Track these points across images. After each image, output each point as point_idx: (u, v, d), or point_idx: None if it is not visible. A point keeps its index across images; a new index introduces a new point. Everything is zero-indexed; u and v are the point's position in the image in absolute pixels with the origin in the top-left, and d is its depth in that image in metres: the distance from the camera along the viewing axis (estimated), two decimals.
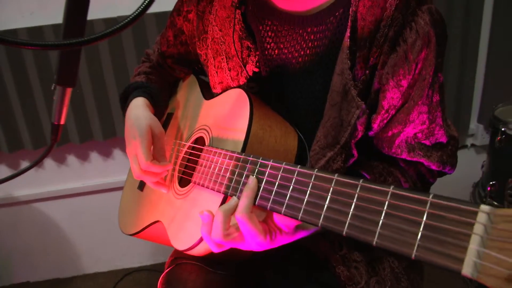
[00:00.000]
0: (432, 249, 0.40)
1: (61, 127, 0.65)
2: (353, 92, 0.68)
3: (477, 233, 0.38)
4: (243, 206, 0.59)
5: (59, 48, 0.49)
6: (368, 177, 0.75)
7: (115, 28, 0.47)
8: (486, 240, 0.37)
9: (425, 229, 0.41)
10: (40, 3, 1.64)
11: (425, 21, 0.66)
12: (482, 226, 0.37)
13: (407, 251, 0.42)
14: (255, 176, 0.61)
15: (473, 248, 0.37)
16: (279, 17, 0.75)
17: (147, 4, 0.47)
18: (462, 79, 1.91)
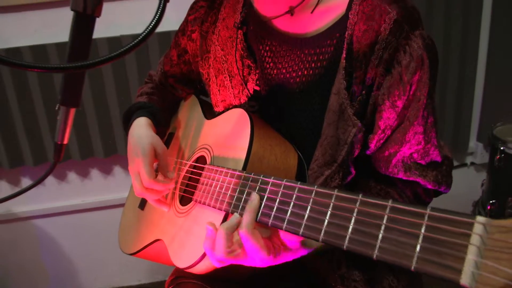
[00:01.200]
0: (431, 260, 0.41)
1: (64, 146, 0.66)
2: (349, 111, 0.70)
3: (474, 243, 0.39)
4: (246, 222, 0.59)
5: (64, 71, 0.50)
6: None
7: (119, 52, 0.48)
8: (483, 250, 0.38)
9: (423, 241, 0.42)
10: (44, 22, 1.67)
11: (418, 44, 0.68)
12: (478, 236, 0.39)
13: (407, 263, 0.43)
14: (256, 193, 0.62)
15: (470, 258, 0.39)
16: (278, 38, 0.78)
17: (151, 29, 0.49)
18: (461, 98, 1.92)
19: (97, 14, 0.58)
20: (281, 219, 0.57)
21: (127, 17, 1.64)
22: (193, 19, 0.90)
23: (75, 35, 0.58)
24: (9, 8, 1.63)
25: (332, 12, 0.73)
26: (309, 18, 0.74)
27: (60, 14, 1.65)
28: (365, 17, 0.69)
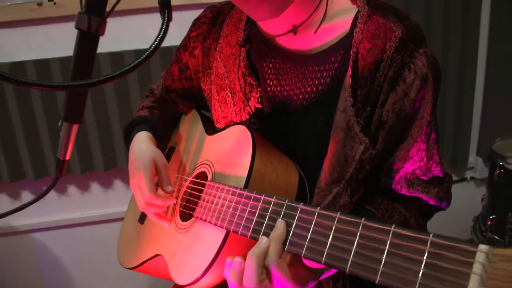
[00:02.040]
0: (433, 287, 0.41)
1: (66, 162, 0.66)
2: (356, 128, 0.70)
3: (476, 272, 0.39)
4: (272, 251, 0.56)
5: (67, 89, 0.51)
6: (377, 213, 0.76)
7: (121, 72, 0.49)
8: (485, 279, 0.38)
9: (426, 268, 0.42)
10: (48, 36, 1.69)
11: (423, 62, 0.69)
12: (480, 265, 0.39)
13: None
14: (281, 218, 0.59)
15: (472, 286, 0.39)
16: (281, 55, 0.78)
17: (153, 49, 0.50)
18: (460, 113, 1.94)
19: (100, 32, 0.59)
20: (284, 240, 0.57)
21: (129, 33, 1.66)
22: (196, 35, 0.91)
23: (79, 53, 0.59)
24: (14, 23, 1.66)
25: (336, 30, 0.74)
26: (313, 36, 0.75)
27: (64, 29, 1.67)
28: (370, 35, 0.70)
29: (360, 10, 0.72)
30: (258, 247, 0.57)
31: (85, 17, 0.57)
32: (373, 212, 0.75)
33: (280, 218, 0.59)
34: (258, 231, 0.61)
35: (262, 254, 0.56)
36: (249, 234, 0.63)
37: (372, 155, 0.72)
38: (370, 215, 0.75)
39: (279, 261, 0.56)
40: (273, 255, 0.56)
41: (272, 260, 0.56)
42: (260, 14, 0.69)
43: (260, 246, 0.57)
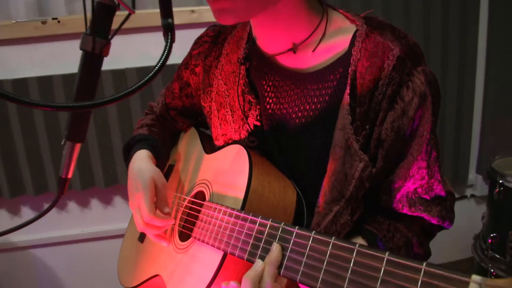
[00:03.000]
0: None
1: (68, 180, 0.67)
2: (355, 146, 0.70)
3: None
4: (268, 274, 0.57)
5: (71, 110, 0.52)
6: (379, 234, 0.75)
7: (125, 93, 0.50)
8: None
9: None
10: (51, 54, 1.71)
11: (421, 81, 0.69)
12: None
13: None
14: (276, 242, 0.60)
15: None
16: (281, 73, 0.79)
17: (157, 70, 0.51)
18: (460, 130, 1.95)
19: (105, 53, 0.60)
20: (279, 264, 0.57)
21: (131, 51, 1.68)
22: (197, 54, 0.92)
23: (83, 73, 0.60)
24: (18, 40, 1.68)
25: (335, 49, 0.75)
26: (312, 55, 0.76)
27: (67, 46, 1.69)
28: (368, 54, 0.70)
29: (358, 29, 0.73)
30: (253, 271, 0.58)
31: (90, 39, 0.58)
32: (374, 233, 0.75)
33: (275, 241, 0.59)
34: (254, 254, 0.62)
35: (257, 277, 0.57)
36: (245, 257, 0.63)
37: (372, 173, 0.72)
38: (372, 236, 0.75)
39: (274, 285, 0.57)
40: (268, 279, 0.56)
41: (267, 284, 0.56)
42: (223, 18, 0.69)
43: (255, 270, 0.58)
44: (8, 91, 1.40)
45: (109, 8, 0.58)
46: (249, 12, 0.69)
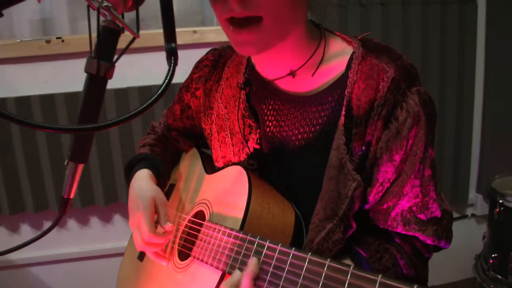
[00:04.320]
0: None
1: (70, 200, 0.67)
2: (349, 166, 0.72)
3: None
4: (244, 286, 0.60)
5: (74, 132, 0.52)
6: (365, 255, 0.76)
7: (127, 116, 0.51)
8: None
9: None
10: (54, 72, 1.73)
11: (415, 101, 0.71)
12: None
13: None
14: (255, 257, 0.62)
15: None
16: (280, 97, 0.80)
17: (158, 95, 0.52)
18: (459, 149, 1.95)
19: (109, 76, 0.61)
20: (275, 284, 0.58)
21: (134, 70, 1.70)
22: (198, 77, 0.93)
23: (87, 95, 0.61)
24: (23, 59, 1.71)
25: (333, 71, 0.76)
26: (311, 78, 0.77)
27: (71, 65, 1.72)
28: (364, 76, 0.72)
29: (355, 51, 0.75)
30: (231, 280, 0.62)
31: (95, 62, 0.59)
32: (360, 253, 0.76)
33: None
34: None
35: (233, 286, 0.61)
36: None
37: (365, 191, 0.73)
38: (358, 256, 0.76)
39: None
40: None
41: None
42: (244, 50, 0.71)
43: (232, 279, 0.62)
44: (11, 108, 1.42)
45: (114, 32, 0.60)
46: (270, 44, 0.70)
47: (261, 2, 0.64)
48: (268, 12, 0.65)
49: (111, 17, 0.58)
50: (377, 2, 1.78)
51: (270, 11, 0.65)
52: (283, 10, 0.66)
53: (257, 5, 0.64)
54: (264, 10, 0.64)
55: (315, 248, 0.74)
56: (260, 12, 0.64)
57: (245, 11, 0.64)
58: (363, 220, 0.79)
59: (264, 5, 0.64)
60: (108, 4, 0.56)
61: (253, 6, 0.64)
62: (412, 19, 1.82)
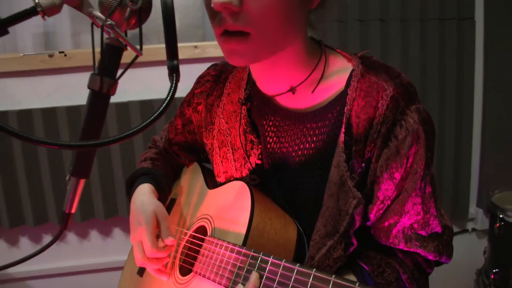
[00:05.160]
0: None
1: (72, 215, 0.67)
2: (350, 183, 0.72)
3: None
4: None
5: (75, 148, 0.53)
6: (367, 268, 0.76)
7: (128, 133, 0.52)
8: None
9: None
10: (57, 86, 1.75)
11: (414, 119, 0.71)
12: None
13: None
14: (256, 271, 0.62)
15: None
16: (281, 113, 0.81)
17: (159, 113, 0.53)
18: (459, 164, 1.96)
19: (112, 92, 0.62)
20: None
21: (135, 84, 1.72)
22: (199, 92, 0.94)
23: (90, 111, 0.62)
24: (25, 72, 1.72)
25: (332, 88, 0.77)
26: (311, 95, 0.78)
27: (73, 79, 1.73)
28: (363, 94, 0.73)
29: (354, 69, 0.76)
30: None
31: (98, 78, 0.60)
32: (363, 268, 0.76)
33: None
34: None
35: None
36: None
37: (366, 209, 0.73)
38: (360, 270, 0.75)
39: None
40: None
41: None
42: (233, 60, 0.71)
43: None
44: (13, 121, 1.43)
45: (117, 49, 0.61)
46: (259, 56, 0.71)
47: (251, 18, 0.65)
48: (257, 27, 0.65)
49: (115, 35, 0.60)
50: (376, 18, 1.80)
51: (259, 27, 0.66)
52: (273, 27, 0.67)
53: (246, 21, 0.65)
54: (254, 26, 0.65)
55: (316, 265, 0.74)
56: (249, 27, 0.65)
57: (236, 25, 0.65)
58: (365, 235, 0.79)
59: (254, 20, 0.65)
60: (112, 22, 0.58)
61: (243, 20, 0.65)
62: (411, 35, 1.85)
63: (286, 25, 0.69)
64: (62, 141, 0.50)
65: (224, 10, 0.64)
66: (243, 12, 0.64)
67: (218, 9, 0.64)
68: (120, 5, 0.57)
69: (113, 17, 0.58)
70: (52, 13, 0.56)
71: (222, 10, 0.64)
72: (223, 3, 0.62)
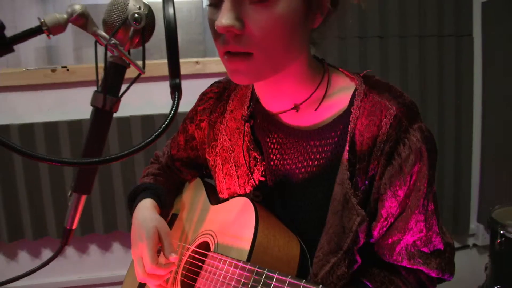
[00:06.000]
0: None
1: (73, 231, 0.68)
2: (353, 200, 0.72)
3: None
4: None
5: (77, 165, 0.53)
6: (371, 286, 0.76)
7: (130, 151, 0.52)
8: None
9: None
10: (58, 100, 1.76)
11: (417, 138, 0.72)
12: None
13: None
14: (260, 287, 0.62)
15: None
16: (284, 131, 0.82)
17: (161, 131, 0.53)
18: (459, 179, 1.96)
19: (114, 110, 0.63)
20: None
21: (136, 99, 1.73)
22: (202, 109, 0.95)
23: (92, 128, 0.62)
24: (28, 87, 1.74)
25: (335, 107, 0.78)
26: (314, 113, 0.79)
27: (74, 94, 1.75)
28: (366, 112, 0.74)
29: (357, 88, 0.77)
30: None
31: (101, 96, 0.61)
32: (367, 285, 0.76)
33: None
34: None
35: None
36: None
37: (369, 226, 0.74)
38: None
39: None
40: None
41: None
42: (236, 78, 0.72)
43: None
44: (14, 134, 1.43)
45: (120, 67, 0.62)
46: (262, 75, 0.71)
47: (253, 40, 0.65)
48: (259, 48, 0.66)
49: (118, 53, 0.61)
50: (375, 35, 1.83)
51: (262, 48, 0.66)
52: (276, 47, 0.68)
53: (249, 43, 0.66)
54: (256, 48, 0.66)
55: (319, 282, 0.74)
56: (251, 49, 0.66)
57: (238, 47, 0.66)
58: (368, 252, 0.79)
59: (256, 42, 0.66)
60: (116, 41, 0.59)
61: (245, 42, 0.66)
62: (410, 52, 1.87)
63: (289, 45, 0.70)
64: (64, 158, 0.50)
65: (226, 33, 0.65)
66: (245, 34, 0.65)
67: (220, 31, 0.65)
68: (123, 25, 0.58)
69: (117, 36, 0.59)
70: (57, 32, 0.57)
71: (224, 32, 0.65)
72: (226, 26, 0.63)
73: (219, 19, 0.64)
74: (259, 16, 0.64)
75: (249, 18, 0.65)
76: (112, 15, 0.58)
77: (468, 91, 1.94)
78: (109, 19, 0.59)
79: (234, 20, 0.64)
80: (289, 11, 0.65)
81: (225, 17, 0.63)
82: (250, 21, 0.65)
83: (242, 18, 0.64)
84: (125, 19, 0.58)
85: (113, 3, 0.59)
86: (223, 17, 0.63)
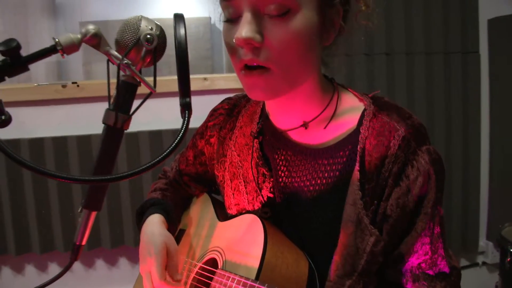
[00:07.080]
0: None
1: (82, 247, 0.68)
2: (366, 220, 0.72)
3: None
4: None
5: (87, 183, 0.54)
6: None
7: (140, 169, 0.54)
8: None
9: None
10: (68, 116, 1.78)
11: (425, 160, 0.72)
12: None
13: None
14: None
15: None
16: (292, 148, 0.82)
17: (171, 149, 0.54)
18: (467, 197, 1.95)
19: (125, 127, 0.64)
20: None
21: (144, 114, 1.73)
22: (212, 125, 0.96)
23: (103, 146, 0.63)
24: (39, 102, 1.76)
25: (344, 126, 0.78)
26: (323, 132, 0.79)
27: (84, 109, 1.77)
28: (375, 133, 0.74)
29: (366, 108, 0.77)
30: None
31: (113, 114, 0.62)
32: None
33: None
34: None
35: None
36: None
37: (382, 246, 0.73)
38: None
39: None
40: None
41: None
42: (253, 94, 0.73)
43: None
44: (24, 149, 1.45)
45: (132, 86, 0.63)
46: (279, 91, 0.72)
47: (272, 54, 0.66)
48: (277, 63, 0.67)
49: (130, 72, 0.62)
50: (382, 52, 1.84)
51: (280, 63, 0.67)
52: (294, 62, 0.69)
53: (267, 57, 0.66)
54: (274, 62, 0.67)
55: None
56: (270, 63, 0.67)
57: (257, 60, 0.67)
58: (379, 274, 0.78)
59: (275, 56, 0.66)
60: (128, 61, 0.60)
61: (264, 56, 0.66)
62: (416, 69, 1.88)
63: (306, 61, 0.71)
64: (76, 176, 0.51)
65: (246, 45, 0.66)
66: (264, 47, 0.66)
67: (240, 44, 0.66)
68: (136, 45, 0.60)
69: (129, 56, 0.60)
70: (71, 52, 0.59)
71: (244, 45, 0.66)
72: (246, 39, 0.64)
73: (239, 31, 0.65)
74: (277, 30, 0.65)
75: (267, 31, 0.66)
76: (125, 35, 0.60)
77: (475, 108, 1.94)
78: (121, 39, 0.60)
79: (254, 33, 0.65)
80: (306, 26, 0.67)
81: (245, 30, 0.64)
82: (268, 34, 0.66)
83: (261, 31, 0.65)
84: (137, 39, 0.59)
85: (126, 24, 0.61)
86: (243, 30, 0.64)
